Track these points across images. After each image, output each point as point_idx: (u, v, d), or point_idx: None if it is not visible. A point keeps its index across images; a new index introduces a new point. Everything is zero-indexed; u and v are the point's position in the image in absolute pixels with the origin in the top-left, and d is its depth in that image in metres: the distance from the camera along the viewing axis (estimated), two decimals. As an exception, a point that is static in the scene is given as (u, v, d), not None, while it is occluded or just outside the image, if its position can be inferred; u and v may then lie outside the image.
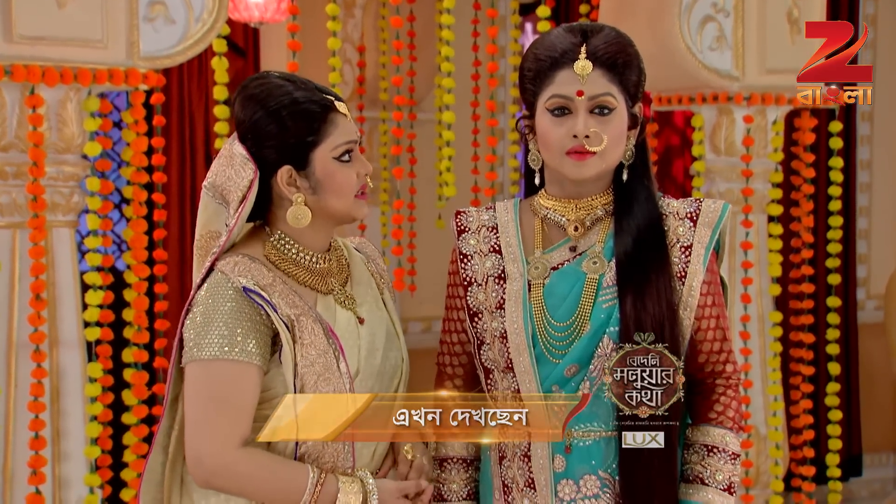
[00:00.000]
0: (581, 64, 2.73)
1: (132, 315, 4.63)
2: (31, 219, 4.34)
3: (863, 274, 8.07)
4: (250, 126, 2.73)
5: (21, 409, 4.37)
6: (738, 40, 5.32)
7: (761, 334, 5.51)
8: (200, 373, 2.65)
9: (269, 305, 2.64)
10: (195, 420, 2.65)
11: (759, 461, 5.48)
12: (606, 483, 2.78)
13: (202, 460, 2.63)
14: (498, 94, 7.21)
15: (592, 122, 2.73)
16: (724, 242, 2.86)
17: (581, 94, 2.72)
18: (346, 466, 2.72)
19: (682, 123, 7.26)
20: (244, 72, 6.83)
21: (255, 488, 2.65)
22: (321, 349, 2.67)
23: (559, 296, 2.79)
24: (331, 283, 2.80)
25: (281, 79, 2.75)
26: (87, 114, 4.46)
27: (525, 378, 2.78)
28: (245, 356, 2.62)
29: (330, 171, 2.72)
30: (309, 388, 2.65)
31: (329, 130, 2.71)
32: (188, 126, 6.74)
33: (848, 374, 7.63)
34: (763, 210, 5.52)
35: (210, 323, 2.64)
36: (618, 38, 2.77)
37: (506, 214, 2.92)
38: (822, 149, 6.64)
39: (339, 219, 2.78)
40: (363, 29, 6.78)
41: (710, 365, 2.84)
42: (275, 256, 2.76)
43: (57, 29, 4.35)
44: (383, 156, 6.74)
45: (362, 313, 2.82)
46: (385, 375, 2.82)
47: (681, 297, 2.77)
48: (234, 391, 2.63)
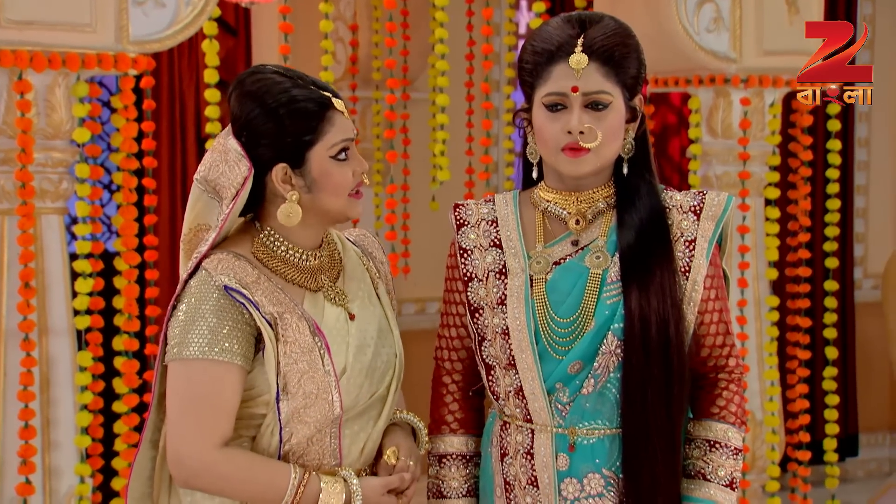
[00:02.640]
0: (577, 58, 2.69)
1: (122, 303, 4.58)
2: (20, 206, 4.29)
3: (860, 253, 8.05)
4: (246, 123, 2.70)
5: (10, 398, 4.33)
6: (736, 21, 5.27)
7: (758, 318, 5.48)
8: (181, 373, 2.64)
9: (251, 303, 2.62)
10: (176, 420, 2.64)
11: (756, 446, 5.46)
12: (610, 481, 2.77)
13: (182, 461, 2.62)
14: (493, 73, 7.17)
15: (587, 117, 2.69)
16: (727, 235, 2.83)
17: (576, 91, 2.69)
18: (331, 465, 2.71)
19: (678, 102, 7.22)
20: (235, 52, 6.78)
21: (235, 489, 2.65)
22: (306, 347, 2.65)
23: (562, 291, 2.76)
24: (320, 280, 2.77)
25: (278, 74, 2.71)
26: (76, 99, 4.40)
27: (528, 375, 2.76)
28: (226, 356, 2.61)
29: (326, 169, 2.69)
30: (292, 386, 2.64)
31: (326, 129, 2.68)
32: (179, 110, 6.69)
33: (844, 354, 7.62)
34: (760, 193, 5.48)
35: (192, 322, 2.62)
36: (616, 30, 2.72)
37: (505, 207, 2.88)
38: (819, 131, 6.59)
39: (333, 217, 2.76)
40: (356, 7, 6.73)
41: (712, 359, 2.82)
42: (262, 253, 2.74)
43: (45, 13, 4.29)
44: (376, 136, 6.70)
45: (353, 309, 2.79)
46: (377, 371, 2.78)
47: (684, 292, 2.74)
48: (215, 391, 2.61)
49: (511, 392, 2.79)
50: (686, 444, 2.81)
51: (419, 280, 6.60)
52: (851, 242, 7.86)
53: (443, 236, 2.92)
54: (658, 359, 2.69)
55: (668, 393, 2.71)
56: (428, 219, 6.08)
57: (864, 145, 8.04)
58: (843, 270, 7.62)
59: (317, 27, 5.13)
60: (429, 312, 7.22)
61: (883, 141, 8.08)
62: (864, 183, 8.07)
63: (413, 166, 6.26)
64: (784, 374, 5.83)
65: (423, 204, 6.13)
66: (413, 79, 6.60)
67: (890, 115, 8.06)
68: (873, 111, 8.00)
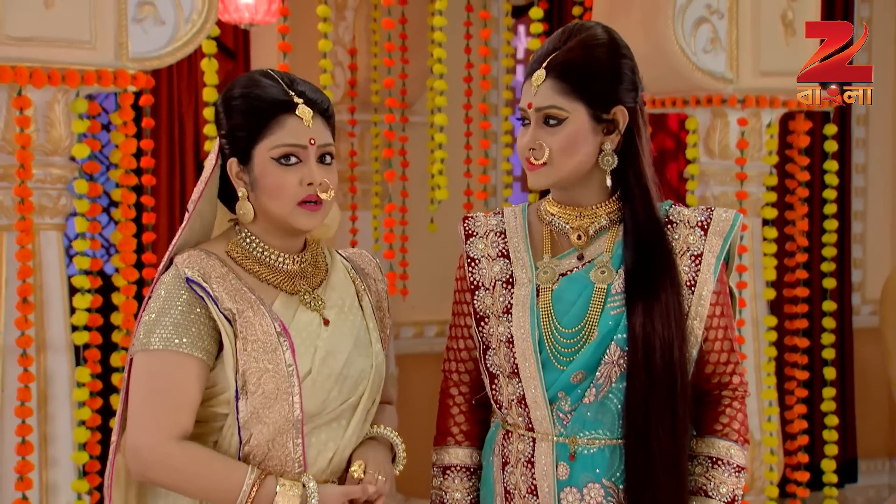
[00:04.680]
0: (537, 73, 2.73)
1: (120, 319, 4.58)
2: (19, 221, 4.28)
3: (858, 278, 8.05)
4: (214, 113, 2.77)
5: (8, 413, 4.32)
6: (733, 42, 5.30)
7: (756, 338, 5.48)
8: (143, 363, 2.65)
9: (209, 297, 2.63)
10: (135, 411, 2.64)
11: (754, 467, 5.45)
12: (610, 492, 2.76)
13: (138, 451, 2.61)
14: (490, 96, 7.19)
15: (541, 132, 2.73)
16: (734, 253, 2.83)
17: (530, 107, 2.74)
18: (294, 473, 2.68)
19: (676, 127, 7.24)
20: (234, 74, 6.79)
21: (190, 483, 2.62)
22: (269, 346, 2.64)
23: (567, 302, 2.76)
24: (298, 284, 2.77)
25: (262, 74, 2.74)
26: (76, 115, 4.40)
27: (531, 384, 2.76)
28: (187, 349, 2.62)
29: (265, 170, 2.69)
30: (251, 384, 2.63)
31: (272, 129, 2.67)
32: (177, 130, 6.71)
33: (843, 380, 7.61)
34: (757, 213, 5.50)
35: (158, 314, 2.64)
36: (584, 43, 2.73)
37: (514, 220, 2.90)
38: (816, 152, 6.61)
39: (279, 223, 2.73)
40: (354, 31, 6.77)
41: (716, 376, 2.82)
42: (236, 253, 2.74)
43: (45, 29, 4.30)
44: (374, 159, 6.71)
45: (329, 315, 2.78)
46: (348, 380, 2.76)
47: (690, 307, 2.74)
48: (175, 383, 2.62)
49: (514, 400, 2.79)
50: (689, 461, 2.80)
51: (417, 304, 6.60)
52: (849, 268, 7.86)
53: (441, 261, 2.94)
54: (661, 382, 2.69)
55: (673, 415, 2.70)
56: (426, 244, 6.09)
57: (861, 171, 8.06)
58: (842, 296, 7.62)
59: (315, 49, 5.16)
60: (427, 336, 7.22)
61: (880, 167, 8.11)
62: (862, 209, 8.09)
63: (411, 189, 6.27)
64: (782, 394, 5.82)
65: (422, 228, 6.14)
66: (412, 102, 6.62)
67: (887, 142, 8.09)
68: (869, 138, 8.03)
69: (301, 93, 2.70)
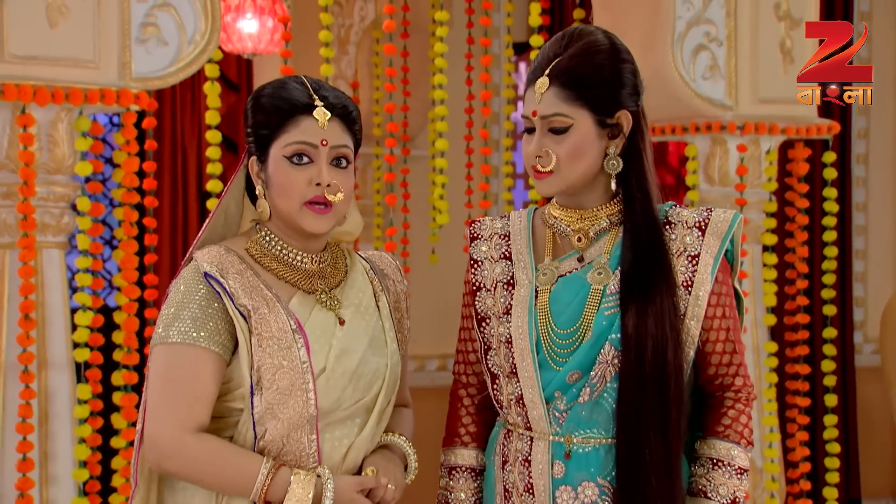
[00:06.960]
0: (540, 81, 2.75)
1: (122, 337, 4.59)
2: (21, 238, 4.31)
3: (860, 317, 8.04)
4: (243, 113, 2.83)
5: (9, 430, 4.33)
6: (732, 69, 5.33)
7: (757, 365, 5.47)
8: (162, 356, 2.69)
9: (225, 292, 2.67)
10: (153, 402, 2.68)
11: (756, 494, 5.42)
12: (605, 490, 2.77)
13: (156, 442, 2.65)
14: (492, 131, 7.23)
15: (547, 140, 2.74)
16: (737, 255, 2.84)
17: (535, 115, 2.76)
18: (309, 468, 2.71)
19: (676, 163, 7.25)
20: (237, 107, 6.83)
21: (206, 474, 2.66)
22: (284, 343, 2.68)
23: (564, 302, 2.78)
24: (315, 284, 2.80)
25: (292, 78, 2.79)
26: (79, 134, 4.44)
27: (528, 384, 2.78)
28: (204, 342, 2.65)
29: (276, 168, 2.73)
30: (266, 380, 2.66)
31: (287, 128, 2.72)
32: (180, 157, 6.73)
33: (846, 418, 7.58)
34: (757, 240, 5.51)
35: (178, 308, 2.68)
36: (585, 49, 2.75)
37: (519, 223, 2.93)
38: (816, 179, 6.63)
39: (289, 223, 2.77)
40: (356, 66, 6.82)
41: (719, 378, 2.82)
42: (256, 250, 2.78)
43: (49, 48, 4.34)
44: (376, 191, 6.74)
45: (345, 315, 2.81)
46: (363, 378, 2.78)
47: (686, 307, 2.75)
48: (192, 376, 2.65)
49: (513, 400, 2.81)
50: (692, 462, 2.81)
51: (419, 338, 6.53)
52: (851, 306, 7.85)
53: (442, 295, 2.96)
54: (654, 381, 2.70)
55: (665, 415, 2.71)
56: (427, 277, 6.09)
57: (861, 210, 8.08)
58: (843, 335, 7.61)
59: (318, 76, 5.18)
60: (428, 370, 7.21)
61: (880, 204, 8.13)
62: (863, 248, 8.10)
63: (412, 220, 6.29)
64: (784, 421, 5.81)
65: (423, 261, 6.15)
66: (413, 135, 6.66)
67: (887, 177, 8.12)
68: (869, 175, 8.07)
69: (324, 97, 2.74)
